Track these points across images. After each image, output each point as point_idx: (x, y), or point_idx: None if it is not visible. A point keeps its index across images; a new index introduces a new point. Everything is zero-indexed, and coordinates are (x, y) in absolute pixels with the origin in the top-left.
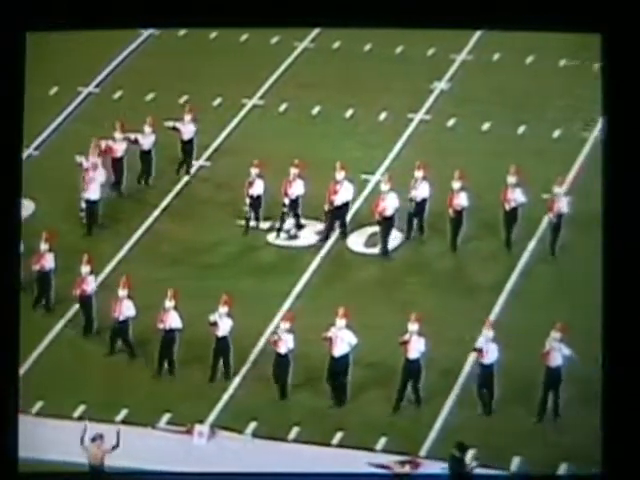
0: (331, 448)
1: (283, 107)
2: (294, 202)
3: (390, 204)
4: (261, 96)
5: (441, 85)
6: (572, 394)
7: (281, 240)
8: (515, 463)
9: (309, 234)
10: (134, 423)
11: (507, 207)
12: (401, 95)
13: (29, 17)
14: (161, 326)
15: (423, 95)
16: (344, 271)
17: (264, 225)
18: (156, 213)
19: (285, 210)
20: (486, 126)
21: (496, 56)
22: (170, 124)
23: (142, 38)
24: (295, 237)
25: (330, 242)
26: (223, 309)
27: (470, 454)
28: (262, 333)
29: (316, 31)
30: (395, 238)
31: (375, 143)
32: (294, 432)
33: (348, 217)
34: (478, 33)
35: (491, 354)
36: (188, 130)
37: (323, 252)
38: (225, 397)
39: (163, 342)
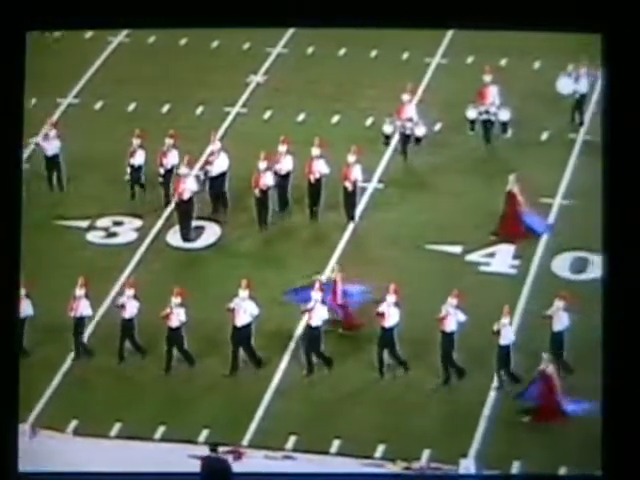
0: (154, 443)
1: (99, 105)
2: (169, 172)
3: (189, 187)
4: (76, 94)
5: (257, 78)
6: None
7: (99, 239)
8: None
9: (127, 231)
10: None
11: (312, 179)
12: (218, 89)
13: (29, 17)
14: (72, 314)
15: (239, 89)
16: (166, 266)
17: (83, 224)
18: None
19: (161, 181)
20: (301, 117)
21: (310, 49)
22: (34, 141)
23: None
24: (114, 235)
25: (150, 238)
26: (129, 291)
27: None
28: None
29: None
30: (214, 233)
31: (193, 137)
32: (116, 428)
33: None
34: (291, 29)
35: (392, 318)
36: (52, 146)
37: (143, 248)
38: (47, 394)
39: (75, 329)
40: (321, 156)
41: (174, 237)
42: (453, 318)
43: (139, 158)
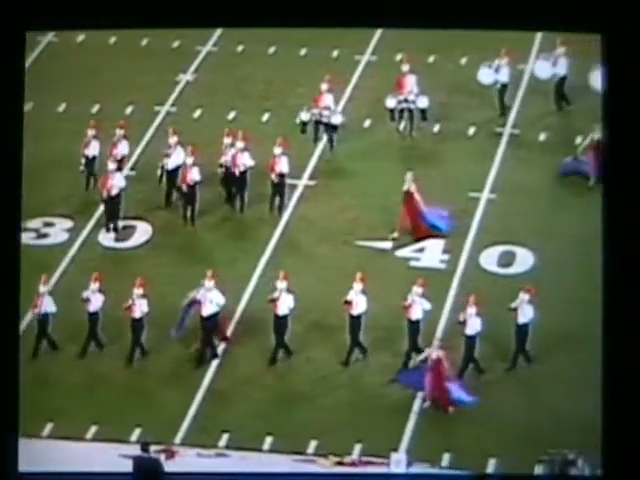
0: (86, 442)
1: (28, 106)
2: (119, 162)
3: (116, 183)
4: None
5: (186, 77)
6: None
7: (31, 240)
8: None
9: (58, 232)
10: None
11: (237, 172)
12: (147, 88)
13: (29, 17)
14: (36, 311)
15: (169, 87)
16: (98, 266)
17: None
18: None
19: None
20: (232, 115)
21: (240, 48)
22: None
23: None
24: (45, 236)
25: (81, 238)
26: (94, 285)
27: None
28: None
29: None
30: (145, 232)
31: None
32: (48, 429)
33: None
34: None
35: (360, 305)
36: None
37: (74, 249)
38: None
39: (39, 327)
40: (245, 149)
41: (106, 237)
42: (418, 306)
43: (93, 149)
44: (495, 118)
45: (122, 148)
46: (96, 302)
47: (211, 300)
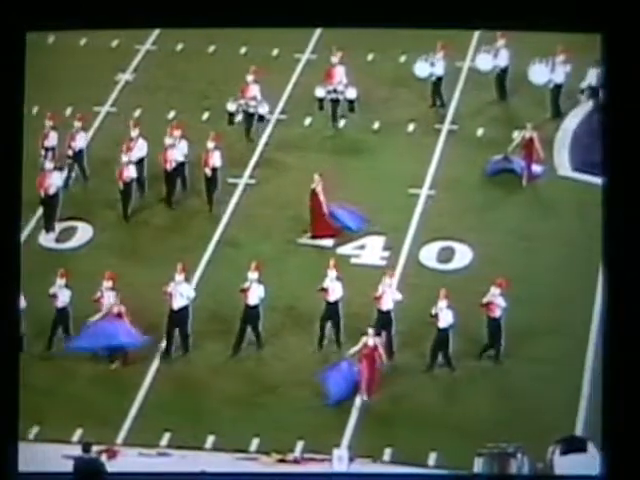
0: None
1: None
2: (78, 154)
3: (54, 182)
4: None
5: (125, 76)
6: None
7: None
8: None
9: None
10: None
11: (169, 167)
12: (87, 88)
13: (29, 17)
14: None
15: (108, 87)
16: (39, 268)
17: None
18: None
19: (69, 162)
20: (171, 114)
21: (179, 46)
22: None
23: None
24: None
25: (21, 239)
26: (61, 281)
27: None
28: None
29: None
30: (86, 232)
31: (63, 138)
32: None
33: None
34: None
35: (336, 292)
36: None
37: None
38: None
39: None
40: (174, 145)
41: (46, 238)
42: (389, 297)
43: (52, 140)
44: (434, 114)
45: (80, 140)
46: (63, 297)
47: (181, 293)
